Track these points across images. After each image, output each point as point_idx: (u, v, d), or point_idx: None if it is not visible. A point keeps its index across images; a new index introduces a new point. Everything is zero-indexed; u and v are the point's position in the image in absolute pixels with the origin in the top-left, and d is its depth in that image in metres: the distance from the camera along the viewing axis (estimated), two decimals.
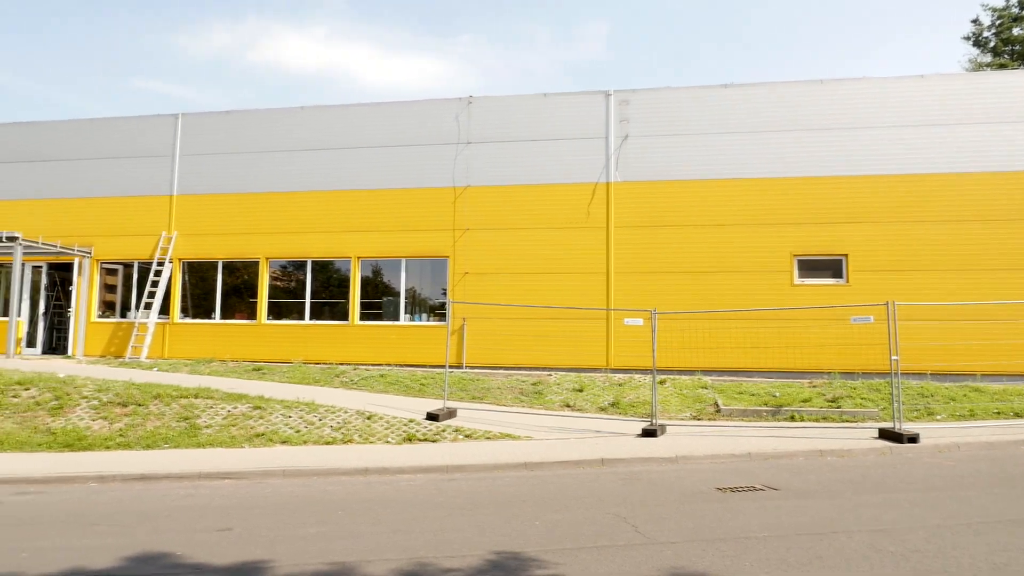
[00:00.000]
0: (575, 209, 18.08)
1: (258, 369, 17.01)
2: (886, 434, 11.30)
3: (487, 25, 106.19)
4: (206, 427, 11.75)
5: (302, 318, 19.31)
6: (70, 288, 20.54)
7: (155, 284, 19.52)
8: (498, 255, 18.26)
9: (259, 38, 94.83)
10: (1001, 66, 31.40)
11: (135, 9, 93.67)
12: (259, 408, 12.52)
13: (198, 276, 20.21)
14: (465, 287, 18.18)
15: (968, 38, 34.17)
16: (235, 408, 12.54)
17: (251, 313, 19.59)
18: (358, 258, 19.11)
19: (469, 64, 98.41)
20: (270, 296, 19.60)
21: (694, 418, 13.29)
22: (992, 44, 33.24)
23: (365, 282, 19.23)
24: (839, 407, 13.50)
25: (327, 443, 11.21)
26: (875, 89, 17.44)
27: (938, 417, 12.97)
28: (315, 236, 19.31)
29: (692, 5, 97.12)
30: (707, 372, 16.33)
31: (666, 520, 6.93)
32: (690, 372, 16.14)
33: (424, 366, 17.40)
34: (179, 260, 20.00)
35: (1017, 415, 12.94)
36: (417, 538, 6.38)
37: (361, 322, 18.88)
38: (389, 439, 11.41)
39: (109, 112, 75.48)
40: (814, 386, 15.05)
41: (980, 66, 33.13)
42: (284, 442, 11.20)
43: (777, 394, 14.33)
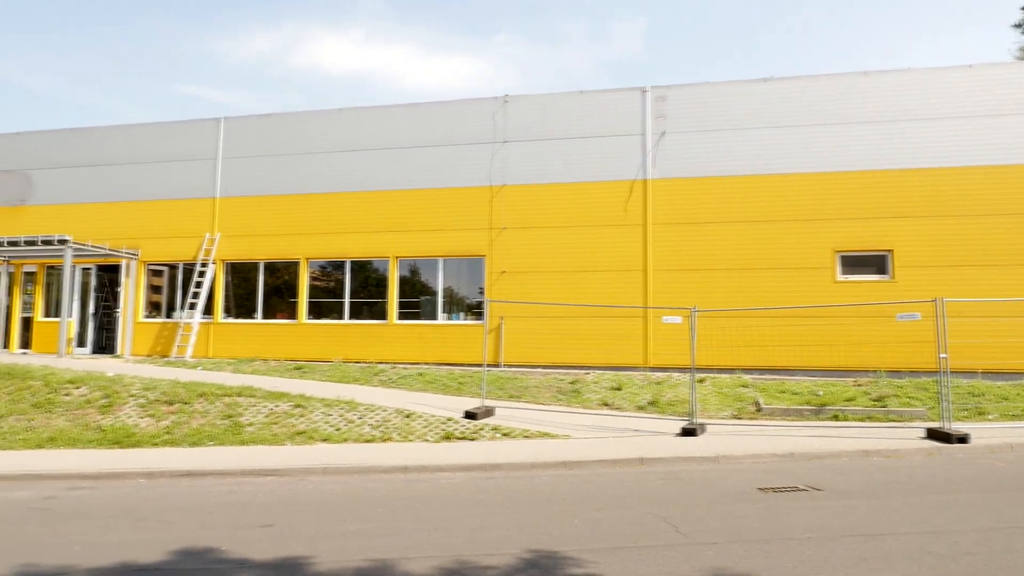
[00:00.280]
0: (612, 206, 17.97)
1: (299, 368, 17.27)
2: (934, 434, 11.01)
3: (524, 23, 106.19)
4: (249, 425, 11.97)
5: (341, 317, 19.54)
6: (118, 289, 21.10)
7: (199, 285, 19.95)
8: (534, 254, 18.25)
9: (298, 42, 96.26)
10: None
11: (178, 16, 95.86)
12: (300, 406, 12.71)
13: (240, 277, 20.60)
14: (502, 286, 18.20)
15: (1018, 26, 33.05)
16: (277, 406, 12.75)
17: (292, 313, 19.89)
18: (396, 258, 19.27)
19: (506, 63, 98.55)
20: (310, 296, 19.88)
21: (734, 417, 13.11)
22: None
23: (403, 281, 19.39)
24: (885, 406, 13.19)
25: (367, 441, 11.32)
26: (921, 80, 16.98)
27: (989, 417, 12.59)
28: (353, 236, 19.52)
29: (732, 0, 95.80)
30: (747, 370, 16.09)
31: (706, 520, 6.85)
32: (729, 370, 15.92)
33: (461, 365, 17.47)
34: (222, 261, 20.41)
35: None
36: (457, 536, 6.40)
37: (399, 321, 19.04)
38: (428, 437, 11.48)
39: (155, 117, 77.39)
40: (859, 385, 14.72)
41: None
42: (325, 440, 11.34)
43: (820, 393, 14.05)
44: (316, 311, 19.85)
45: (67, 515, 7.52)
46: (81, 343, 21.35)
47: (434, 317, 18.94)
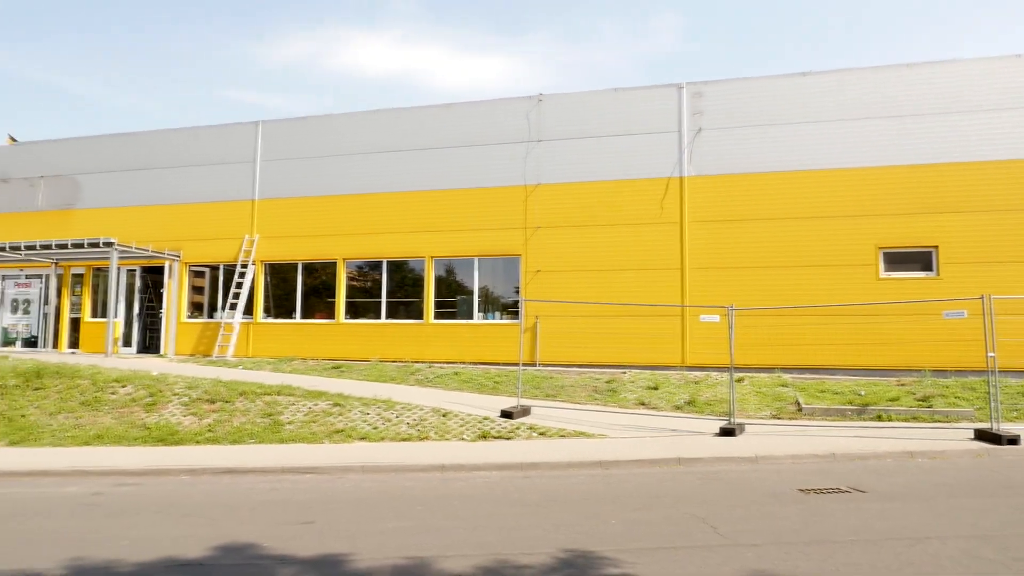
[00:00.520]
0: (648, 204, 17.83)
1: (337, 367, 17.49)
2: (983, 435, 10.70)
3: (558, 21, 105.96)
4: (288, 423, 12.15)
5: (378, 317, 19.72)
6: (161, 290, 21.60)
7: (239, 286, 20.31)
8: (570, 252, 18.19)
9: (335, 44, 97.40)
10: None
11: (216, 22, 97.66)
12: (338, 405, 12.87)
13: (279, 277, 20.92)
14: (537, 285, 18.18)
15: None
16: (315, 405, 12.92)
17: (330, 312, 20.14)
18: (432, 258, 19.38)
19: (540, 61, 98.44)
20: (347, 296, 20.10)
21: (774, 417, 12.91)
22: None
23: (439, 281, 19.49)
24: (930, 406, 12.87)
25: (404, 440, 11.41)
26: (966, 71, 16.50)
27: None
28: (390, 237, 19.69)
29: None
30: (786, 370, 15.83)
31: (746, 521, 6.75)
32: (768, 370, 15.68)
33: (497, 364, 17.51)
34: (261, 262, 20.75)
35: None
36: (494, 534, 6.42)
37: (435, 321, 19.14)
38: (464, 436, 11.52)
39: (195, 121, 78.88)
40: (902, 384, 14.38)
41: None
42: (362, 438, 11.47)
43: (863, 392, 13.76)
44: (353, 311, 20.06)
45: (114, 510, 7.72)
46: (127, 343, 21.90)
47: (470, 316, 19.00)
